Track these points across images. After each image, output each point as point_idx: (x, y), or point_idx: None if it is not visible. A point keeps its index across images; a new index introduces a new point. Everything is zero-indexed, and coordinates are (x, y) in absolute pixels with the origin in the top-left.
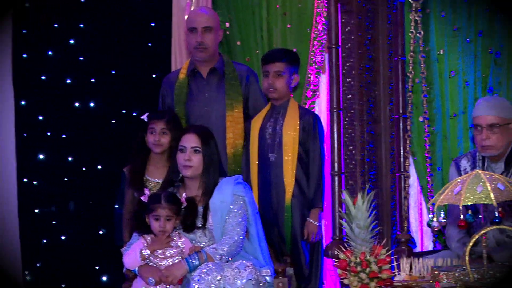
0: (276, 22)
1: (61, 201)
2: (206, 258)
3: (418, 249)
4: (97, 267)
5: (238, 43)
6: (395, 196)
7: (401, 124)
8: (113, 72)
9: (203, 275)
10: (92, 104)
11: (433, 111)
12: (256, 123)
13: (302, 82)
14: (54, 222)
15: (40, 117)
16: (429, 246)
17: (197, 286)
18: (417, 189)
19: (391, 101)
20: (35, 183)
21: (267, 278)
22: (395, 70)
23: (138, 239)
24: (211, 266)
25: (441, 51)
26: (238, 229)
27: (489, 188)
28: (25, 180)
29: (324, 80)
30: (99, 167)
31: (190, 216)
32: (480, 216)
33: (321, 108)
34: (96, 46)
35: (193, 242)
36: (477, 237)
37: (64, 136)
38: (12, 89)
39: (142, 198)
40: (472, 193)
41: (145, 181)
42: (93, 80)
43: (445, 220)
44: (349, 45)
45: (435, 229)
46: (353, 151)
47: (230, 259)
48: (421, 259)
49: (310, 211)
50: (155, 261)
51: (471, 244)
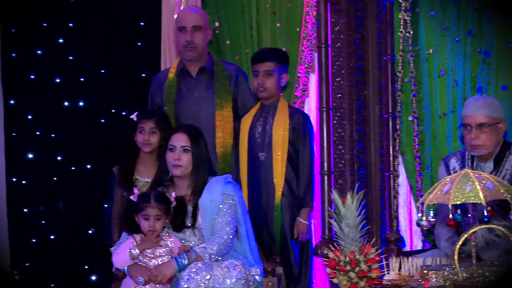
0: (266, 21)
1: (50, 200)
2: (196, 258)
3: (407, 248)
4: (86, 267)
5: (228, 42)
6: (385, 195)
7: (390, 123)
8: (102, 71)
9: (192, 274)
10: (81, 103)
11: (422, 110)
12: (246, 122)
13: (292, 81)
14: (43, 222)
15: (29, 116)
16: (418, 245)
17: (186, 286)
18: (406, 188)
19: (380, 101)
20: (24, 182)
21: (256, 277)
22: (384, 69)
23: (127, 238)
24: (200, 265)
25: (430, 51)
26: (228, 229)
27: (478, 187)
28: (14, 179)
29: (313, 79)
30: (88, 166)
31: (179, 216)
32: (469, 215)
33: (310, 107)
34: (86, 45)
35: (183, 241)
36: (466, 236)
37: (53, 135)
38: (1, 88)
39: (131, 197)
40: (461, 192)
41: (134, 180)
42: (82, 79)
43: (434, 219)
44: (338, 44)
45: (424, 228)
46: (342, 151)
47: (219, 258)
48: (410, 258)
49: (299, 210)
50: (145, 260)
51: (460, 243)
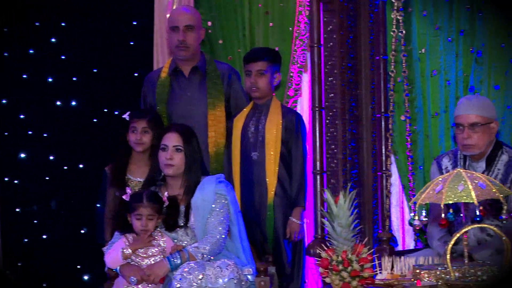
0: (258, 21)
1: (42, 200)
2: (188, 257)
3: (399, 247)
4: (78, 266)
5: (220, 42)
6: (377, 195)
7: (383, 123)
8: (95, 70)
9: (185, 274)
10: (73, 103)
11: (414, 110)
12: (239, 122)
13: (284, 81)
14: (35, 221)
15: (22, 116)
16: (410, 244)
17: (179, 285)
18: (398, 187)
19: (373, 100)
20: (16, 182)
21: (249, 277)
22: (377, 69)
23: (120, 238)
24: (193, 265)
25: (423, 50)
26: (220, 228)
27: (470, 186)
28: (6, 179)
29: (306, 79)
30: (80, 166)
31: (172, 215)
32: (461, 215)
33: (303, 107)
34: (78, 44)
35: (175, 241)
36: (458, 235)
37: (45, 135)
38: None
39: (124, 197)
40: (453, 192)
41: (127, 180)
42: (74, 79)
43: (426, 219)
44: (331, 44)
45: (417, 228)
46: (335, 150)
47: (212, 258)
48: (402, 257)
49: (292, 209)
50: (137, 260)
51: (452, 242)
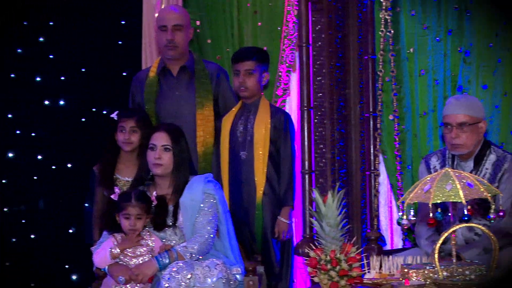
0: (247, 20)
1: (30, 199)
2: (177, 257)
3: (388, 247)
4: (67, 266)
5: (209, 41)
6: (365, 194)
7: (371, 122)
8: (83, 70)
9: (173, 273)
10: (62, 102)
11: (403, 109)
12: (227, 121)
13: (273, 80)
14: (23, 221)
15: (10, 115)
16: (398, 244)
17: (167, 285)
18: (387, 187)
19: (361, 100)
20: (4, 181)
21: (237, 276)
22: (365, 68)
23: (108, 237)
24: (181, 264)
25: (411, 50)
26: (209, 228)
27: (458, 186)
28: None
29: (294, 78)
30: (69, 165)
31: (160, 215)
32: (449, 214)
33: (291, 106)
34: (66, 44)
35: (164, 240)
36: (446, 235)
37: (33, 134)
38: None
39: (112, 196)
40: (441, 191)
41: (115, 179)
42: (63, 78)
43: (414, 218)
44: (319, 43)
45: (405, 227)
46: (323, 150)
47: (200, 257)
48: (390, 257)
49: (280, 209)
50: (125, 259)
51: (440, 242)
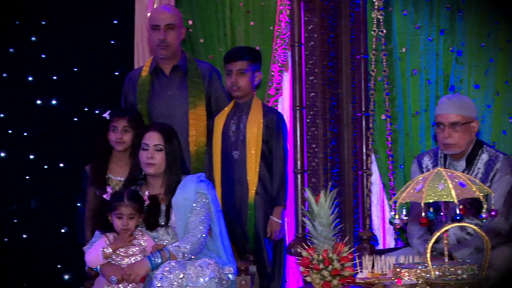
0: (239, 20)
1: (22, 199)
2: (169, 256)
3: (380, 246)
4: (59, 266)
5: (201, 40)
6: (358, 194)
7: (363, 122)
8: (75, 69)
9: (165, 273)
10: (54, 102)
11: (395, 109)
12: (220, 121)
13: (265, 80)
14: (15, 221)
15: (1, 115)
16: (391, 243)
17: (159, 284)
18: (379, 186)
19: (353, 99)
20: None
21: (230, 276)
22: (357, 68)
23: (100, 237)
24: (173, 264)
25: (403, 50)
26: (201, 227)
27: (450, 185)
28: None
29: (287, 78)
30: (61, 165)
31: (152, 214)
32: (441, 214)
33: (284, 106)
34: (58, 43)
35: (156, 240)
36: (438, 234)
37: (25, 134)
38: None
39: (104, 196)
40: (433, 191)
41: (107, 179)
42: (55, 78)
43: (407, 218)
44: (312, 43)
45: (397, 227)
46: (316, 149)
47: (192, 257)
48: (383, 256)
49: (273, 208)
50: (118, 259)
51: (432, 241)
